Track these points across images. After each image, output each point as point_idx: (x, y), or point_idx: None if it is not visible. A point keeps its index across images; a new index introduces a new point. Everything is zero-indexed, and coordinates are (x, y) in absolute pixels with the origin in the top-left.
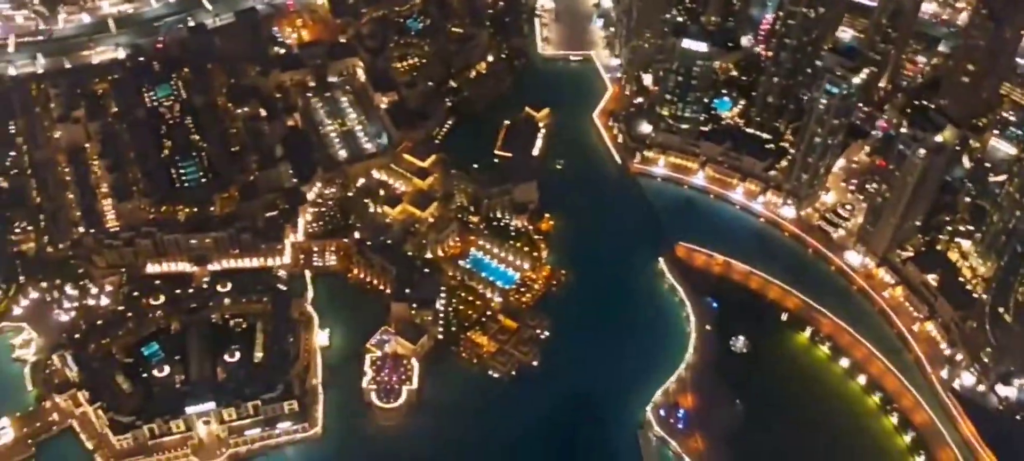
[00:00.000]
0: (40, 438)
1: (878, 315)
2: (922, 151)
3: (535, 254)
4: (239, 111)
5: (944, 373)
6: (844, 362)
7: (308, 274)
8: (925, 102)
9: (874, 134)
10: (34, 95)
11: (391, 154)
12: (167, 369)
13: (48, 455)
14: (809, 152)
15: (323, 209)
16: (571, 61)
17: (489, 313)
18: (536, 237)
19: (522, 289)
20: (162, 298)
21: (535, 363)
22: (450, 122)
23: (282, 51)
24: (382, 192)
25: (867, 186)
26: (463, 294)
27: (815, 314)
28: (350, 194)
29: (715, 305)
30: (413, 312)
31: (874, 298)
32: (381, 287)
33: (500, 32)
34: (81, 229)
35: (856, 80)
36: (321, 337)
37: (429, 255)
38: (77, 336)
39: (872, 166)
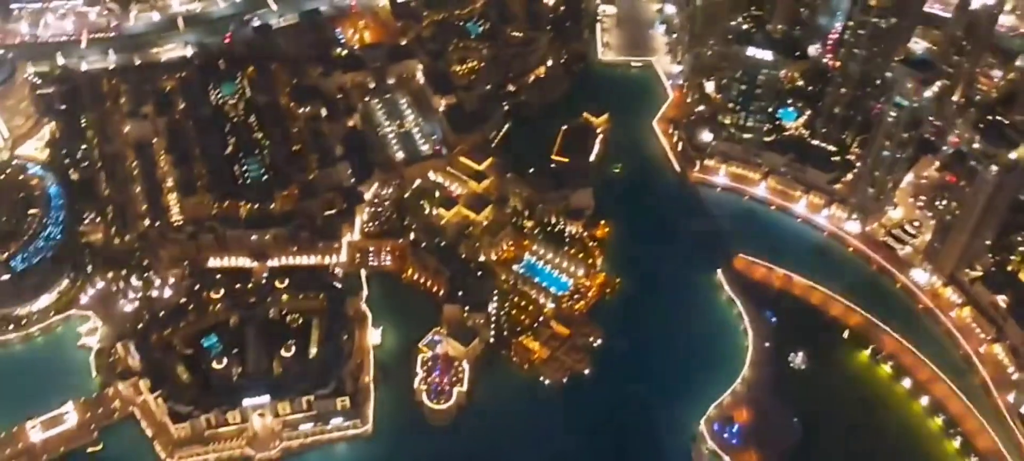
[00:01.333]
0: (102, 424)
1: (944, 335)
2: (995, 168)
3: (589, 261)
4: (301, 111)
5: (1011, 397)
6: (906, 382)
7: (363, 273)
8: (999, 117)
9: (945, 149)
10: (105, 90)
11: (447, 156)
12: (225, 361)
13: (110, 440)
14: (876, 166)
15: (379, 209)
16: (632, 67)
17: (541, 319)
18: (591, 244)
19: (575, 296)
20: (222, 292)
21: (587, 371)
22: (507, 126)
23: (344, 52)
24: (438, 194)
25: (936, 202)
26: (516, 299)
27: (878, 332)
28: (406, 195)
29: (774, 319)
30: (465, 314)
31: (940, 318)
32: (434, 288)
33: (560, 37)
34: (147, 222)
35: (928, 93)
36: (374, 336)
37: (483, 258)
38: (140, 326)
39: (942, 182)
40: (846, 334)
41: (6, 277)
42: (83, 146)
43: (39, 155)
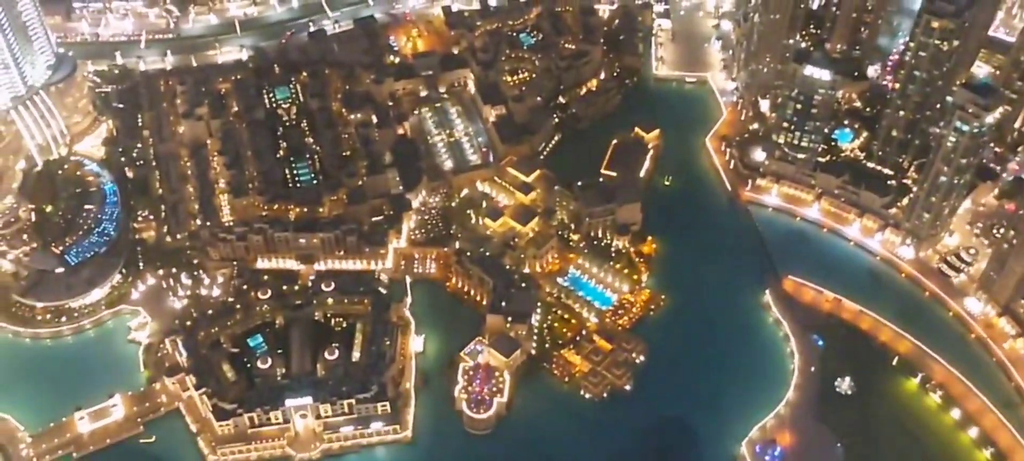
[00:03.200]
0: (149, 417)
1: (995, 367)
2: None
3: (635, 276)
4: (352, 117)
5: None
6: (955, 413)
7: (408, 280)
8: None
9: (1004, 176)
10: (162, 91)
11: (495, 164)
12: (269, 361)
13: (156, 433)
14: (933, 191)
15: (426, 217)
16: (686, 83)
17: (584, 332)
18: (637, 259)
19: (619, 311)
20: (269, 293)
21: (628, 387)
22: (557, 138)
23: (396, 60)
24: (485, 204)
25: (993, 231)
26: (559, 311)
27: (928, 360)
28: (453, 204)
29: (821, 343)
30: (508, 325)
31: (992, 349)
32: (478, 298)
33: (614, 50)
34: (198, 221)
35: (989, 119)
36: (417, 343)
37: (527, 270)
38: (188, 323)
39: (1000, 210)
40: (895, 361)
41: (61, 270)
42: (139, 145)
43: (96, 152)
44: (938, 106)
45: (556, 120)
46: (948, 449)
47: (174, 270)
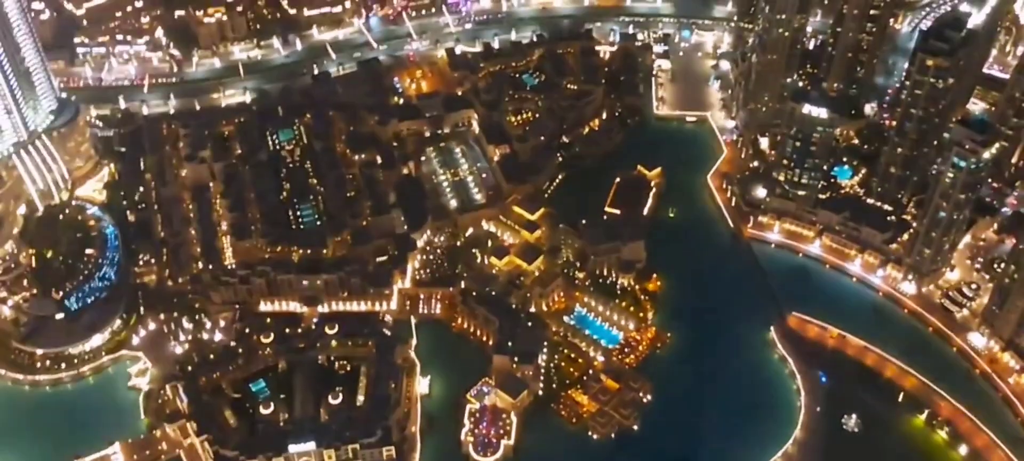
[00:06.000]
0: None
1: (1001, 402)
2: None
3: (640, 314)
4: (357, 158)
5: None
6: (963, 449)
7: (413, 320)
8: None
9: (1003, 211)
10: (165, 134)
11: (500, 205)
12: (272, 406)
13: None
14: (933, 226)
15: (431, 257)
16: (686, 122)
17: (591, 372)
18: (642, 297)
19: (626, 349)
20: (272, 336)
21: (635, 427)
22: (561, 177)
23: (401, 101)
24: (490, 243)
25: (994, 265)
26: (566, 350)
27: (934, 396)
28: (458, 244)
29: (824, 380)
30: (515, 366)
31: (998, 384)
32: (484, 338)
33: (615, 90)
34: (200, 264)
35: (986, 154)
36: (422, 384)
37: (533, 309)
38: (190, 368)
39: (1000, 244)
40: (901, 397)
41: (61, 316)
42: (141, 188)
43: (98, 196)
44: (935, 142)
45: (560, 159)
46: None
47: (175, 314)
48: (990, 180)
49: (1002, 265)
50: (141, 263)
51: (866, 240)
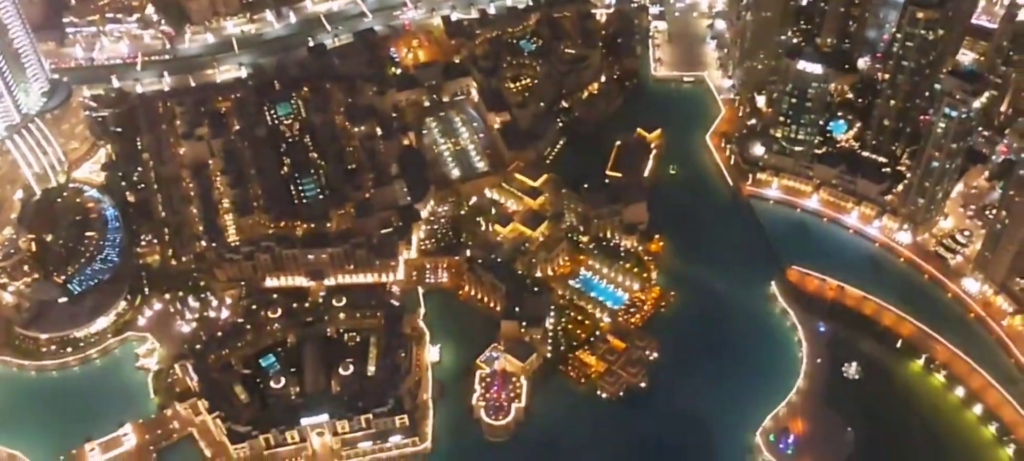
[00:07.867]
0: (161, 445)
1: (996, 344)
2: None
3: (644, 275)
4: (356, 130)
5: None
6: (960, 391)
7: (420, 290)
8: None
9: (994, 159)
10: (160, 112)
11: (502, 173)
12: (283, 381)
13: None
14: (926, 176)
15: (436, 227)
16: (684, 82)
17: (598, 333)
18: (646, 258)
19: (631, 310)
20: (279, 311)
21: (643, 384)
22: (561, 142)
23: (398, 71)
24: (494, 211)
25: (986, 212)
26: (572, 313)
27: (930, 341)
28: (462, 212)
29: (822, 329)
30: (522, 330)
31: (991, 327)
32: (491, 305)
33: (612, 53)
34: (203, 243)
35: (976, 104)
36: (432, 353)
37: (539, 274)
38: (198, 347)
39: (991, 191)
40: (899, 344)
41: (64, 300)
42: (139, 168)
43: (95, 178)
44: (927, 94)
45: (560, 124)
46: (955, 427)
47: (181, 293)
48: (980, 128)
49: (993, 211)
50: (143, 244)
51: (862, 193)
